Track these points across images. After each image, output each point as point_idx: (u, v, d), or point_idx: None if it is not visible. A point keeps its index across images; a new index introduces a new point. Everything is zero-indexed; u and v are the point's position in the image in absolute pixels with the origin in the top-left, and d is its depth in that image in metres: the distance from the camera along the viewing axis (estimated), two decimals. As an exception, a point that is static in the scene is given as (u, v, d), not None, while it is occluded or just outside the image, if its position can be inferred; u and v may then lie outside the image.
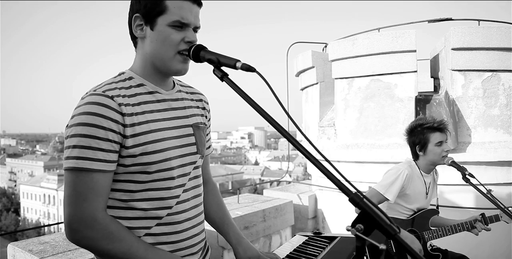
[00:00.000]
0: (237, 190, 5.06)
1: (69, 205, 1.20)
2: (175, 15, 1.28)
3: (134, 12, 1.32)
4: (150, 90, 1.34)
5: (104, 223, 1.22)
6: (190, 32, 1.32)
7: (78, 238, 1.21)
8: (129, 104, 1.26)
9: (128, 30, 1.37)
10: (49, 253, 2.70)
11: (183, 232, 1.36)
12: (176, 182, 1.34)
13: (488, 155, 4.03)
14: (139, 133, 1.25)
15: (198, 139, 1.44)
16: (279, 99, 1.10)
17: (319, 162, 0.97)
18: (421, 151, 2.76)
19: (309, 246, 1.83)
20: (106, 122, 1.19)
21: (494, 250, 4.15)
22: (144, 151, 1.25)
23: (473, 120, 4.17)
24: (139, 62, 1.37)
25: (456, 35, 4.08)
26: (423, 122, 2.78)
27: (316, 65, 5.17)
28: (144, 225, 1.30)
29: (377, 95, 4.45)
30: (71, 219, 1.20)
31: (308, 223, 5.21)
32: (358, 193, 0.93)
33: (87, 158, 1.18)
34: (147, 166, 1.27)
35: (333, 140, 4.84)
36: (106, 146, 1.20)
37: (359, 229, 0.90)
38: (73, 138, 1.19)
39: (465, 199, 4.13)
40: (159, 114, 1.33)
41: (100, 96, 1.22)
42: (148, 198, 1.30)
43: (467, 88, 4.19)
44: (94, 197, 1.21)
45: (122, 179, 1.28)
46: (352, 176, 4.35)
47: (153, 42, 1.30)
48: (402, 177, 2.67)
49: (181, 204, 1.36)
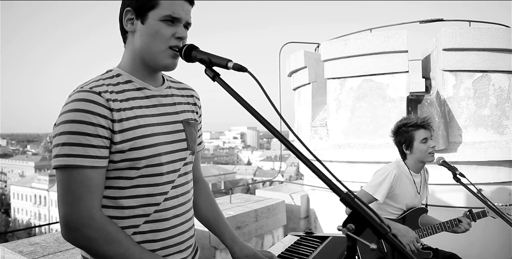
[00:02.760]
0: (230, 190, 5.05)
1: (65, 204, 1.18)
2: (167, 9, 1.28)
3: (126, 6, 1.31)
4: (138, 87, 1.33)
5: (102, 222, 1.20)
6: (181, 28, 1.31)
7: (76, 238, 1.19)
8: (117, 100, 1.24)
9: (119, 25, 1.36)
10: (39, 254, 2.68)
11: (171, 229, 1.35)
12: (165, 178, 1.32)
13: (479, 155, 4.07)
14: (128, 129, 1.24)
15: (189, 135, 1.43)
16: (271, 99, 1.10)
17: (311, 162, 0.97)
18: (408, 149, 2.78)
19: (301, 245, 1.83)
20: (95, 118, 1.18)
21: (485, 249, 4.19)
22: (133, 146, 1.24)
23: (464, 120, 4.20)
24: (128, 57, 1.35)
25: (447, 36, 4.11)
26: (406, 122, 2.81)
27: (308, 65, 5.18)
28: (132, 223, 1.29)
29: (369, 95, 4.47)
30: (68, 218, 1.18)
31: (301, 223, 5.22)
32: (349, 193, 0.93)
33: (78, 155, 1.16)
34: (136, 162, 1.25)
35: (325, 140, 4.85)
36: (96, 142, 1.18)
37: (350, 228, 0.91)
38: (62, 136, 1.17)
39: (456, 198, 4.16)
40: (147, 110, 1.31)
41: (87, 92, 1.21)
42: (137, 195, 1.28)
43: (458, 88, 4.22)
44: (90, 195, 1.19)
45: (112, 176, 1.26)
46: (344, 176, 4.36)
47: (143, 36, 1.29)
48: (390, 177, 2.69)
49: (169, 200, 1.34)
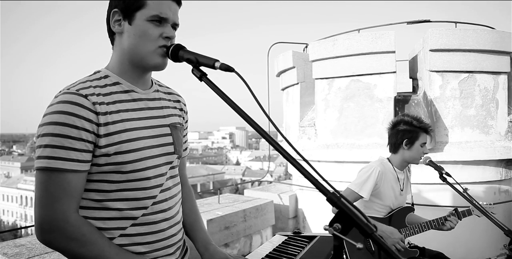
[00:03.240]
0: (218, 190, 5.05)
1: (41, 206, 1.18)
2: (154, 10, 1.27)
3: (113, 7, 1.30)
4: (126, 89, 1.32)
5: (77, 224, 1.19)
6: (169, 28, 1.31)
7: (50, 240, 1.19)
8: (103, 103, 1.23)
9: (106, 27, 1.34)
10: (25, 256, 2.65)
11: (159, 233, 1.34)
12: (153, 182, 1.32)
13: (465, 155, 4.12)
14: (113, 132, 1.23)
15: (176, 139, 1.42)
16: (258, 100, 1.10)
17: (298, 162, 0.97)
18: (407, 145, 2.79)
19: (289, 245, 1.83)
20: (80, 121, 1.17)
21: (470, 247, 4.25)
22: (118, 151, 1.23)
23: (450, 120, 4.25)
24: (116, 59, 1.34)
25: (434, 37, 4.15)
26: (415, 121, 2.81)
27: (296, 66, 5.19)
28: (119, 225, 1.28)
29: (357, 95, 4.49)
30: (43, 220, 1.17)
31: (289, 222, 5.23)
32: (336, 192, 0.94)
33: (59, 158, 1.16)
34: (121, 166, 1.24)
35: (313, 140, 4.86)
36: (79, 146, 1.17)
37: (337, 228, 0.91)
38: (45, 138, 1.16)
39: (442, 197, 4.21)
40: (134, 113, 1.30)
41: (73, 94, 1.20)
42: (123, 198, 1.27)
43: (444, 88, 4.27)
44: (67, 197, 1.18)
45: (96, 179, 1.26)
46: (333, 175, 4.38)
47: (130, 37, 1.28)
48: (374, 174, 2.72)
49: (158, 204, 1.33)
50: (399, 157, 2.85)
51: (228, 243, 4.06)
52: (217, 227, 3.92)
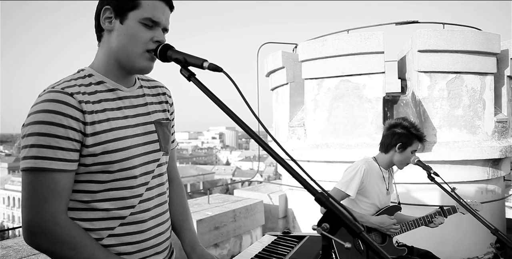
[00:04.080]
0: (208, 190, 5.04)
1: (28, 208, 1.15)
2: (147, 12, 1.26)
3: (105, 4, 1.28)
4: (111, 88, 1.30)
5: (66, 227, 1.17)
6: (159, 31, 1.29)
7: (38, 242, 1.16)
8: (89, 102, 1.22)
9: (94, 23, 1.32)
10: (12, 257, 2.62)
11: (147, 231, 1.33)
12: (138, 180, 1.30)
13: (452, 154, 4.16)
14: (100, 132, 1.21)
15: (161, 136, 1.41)
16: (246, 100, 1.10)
17: (286, 162, 0.97)
18: (400, 149, 2.82)
19: (278, 245, 1.84)
20: (66, 120, 1.15)
21: (458, 246, 4.29)
22: (105, 150, 1.22)
23: (438, 120, 4.29)
24: (102, 57, 1.32)
25: (422, 38, 4.18)
26: (412, 128, 2.84)
27: (286, 66, 5.20)
28: (107, 226, 1.26)
29: (346, 95, 4.51)
30: (31, 223, 1.15)
31: (279, 222, 5.24)
32: (324, 192, 0.94)
33: (46, 157, 1.13)
34: (109, 165, 1.23)
35: (303, 140, 4.88)
36: (66, 145, 1.15)
37: (325, 228, 0.91)
38: (30, 137, 1.14)
39: (430, 197, 4.24)
40: (119, 112, 1.29)
41: (58, 93, 1.18)
42: (110, 198, 1.26)
43: (432, 89, 4.30)
44: (55, 198, 1.16)
45: (83, 180, 1.24)
46: (322, 175, 4.39)
47: (120, 36, 1.27)
48: (360, 172, 2.75)
49: (144, 202, 1.32)
50: (388, 158, 2.87)
51: (218, 244, 4.05)
52: (207, 227, 3.92)
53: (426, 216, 2.86)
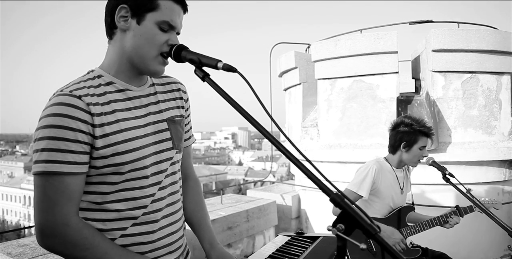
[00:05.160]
0: (221, 190, 5.05)
1: (40, 211, 1.16)
2: (166, 15, 1.25)
3: (120, 2, 1.26)
4: (120, 88, 1.30)
5: (78, 228, 1.18)
6: (174, 35, 1.29)
7: (51, 244, 1.18)
8: (98, 104, 1.21)
9: (105, 18, 1.30)
10: (28, 255, 2.66)
11: (160, 231, 1.33)
12: (150, 180, 1.30)
13: (468, 155, 4.11)
14: (109, 133, 1.21)
15: (174, 133, 1.40)
16: (261, 100, 1.10)
17: (301, 162, 0.97)
18: (405, 148, 2.79)
19: (292, 246, 1.83)
20: (75, 122, 1.15)
21: (473, 248, 4.23)
22: (116, 152, 1.22)
23: (453, 121, 4.24)
24: (113, 56, 1.31)
25: (436, 37, 4.14)
26: (416, 123, 2.79)
27: (299, 66, 5.19)
28: (119, 226, 1.27)
29: (359, 95, 4.49)
30: (43, 225, 1.16)
31: (292, 223, 5.23)
32: (339, 193, 0.94)
33: (56, 161, 1.14)
34: (120, 167, 1.23)
35: (316, 140, 4.86)
36: (75, 148, 1.16)
37: (340, 229, 0.91)
38: (41, 141, 1.15)
39: (445, 198, 4.19)
40: (129, 113, 1.29)
41: (67, 96, 1.18)
42: (122, 198, 1.26)
43: (447, 89, 4.26)
44: (66, 201, 1.17)
45: (95, 181, 1.24)
46: (335, 176, 4.38)
47: (136, 37, 1.26)
48: (371, 172, 2.72)
49: (157, 202, 1.32)
50: (397, 158, 2.85)
51: (231, 244, 4.06)
52: (220, 228, 3.92)
53: (441, 216, 2.82)
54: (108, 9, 1.29)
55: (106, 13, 1.30)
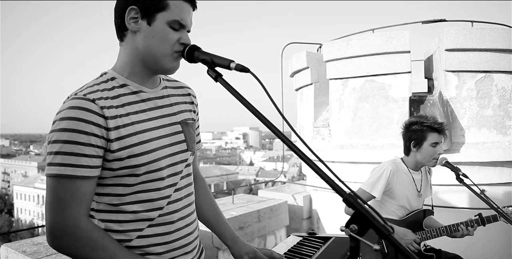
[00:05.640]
0: (232, 190, 5.05)
1: (51, 212, 1.18)
2: (176, 14, 1.26)
3: (130, 3, 1.26)
4: (134, 90, 1.30)
5: (87, 230, 1.19)
6: (185, 34, 1.30)
7: (61, 246, 1.19)
8: (112, 107, 1.22)
9: (115, 21, 1.30)
10: (42, 254, 2.69)
11: (176, 232, 1.34)
12: (166, 182, 1.31)
13: (482, 156, 4.06)
14: (125, 136, 1.22)
15: (188, 136, 1.41)
16: (273, 100, 1.10)
17: (313, 162, 0.96)
18: (415, 147, 2.76)
19: (304, 246, 1.83)
20: (88, 126, 1.16)
21: (488, 250, 4.18)
22: (131, 154, 1.22)
23: (466, 121, 4.19)
24: (126, 58, 1.32)
25: (449, 36, 4.10)
26: (423, 120, 2.76)
27: (310, 66, 5.18)
28: (135, 227, 1.28)
29: (371, 95, 4.46)
30: (53, 226, 1.17)
31: (303, 223, 5.22)
32: (352, 193, 0.93)
33: (69, 164, 1.15)
34: (136, 169, 1.24)
35: (327, 140, 4.84)
36: (88, 151, 1.17)
37: (353, 229, 0.91)
38: (55, 144, 1.16)
39: (458, 199, 4.15)
40: (144, 115, 1.29)
41: (81, 99, 1.19)
42: (138, 200, 1.27)
43: (460, 89, 4.21)
44: (76, 203, 1.18)
45: (111, 183, 1.26)
46: (347, 176, 4.36)
47: (148, 38, 1.26)
48: (386, 173, 2.69)
49: (173, 204, 1.33)
50: (412, 159, 2.82)
51: (242, 244, 4.05)
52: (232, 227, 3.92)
53: (461, 223, 2.75)
54: (118, 11, 1.29)
55: (116, 15, 1.30)
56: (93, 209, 1.29)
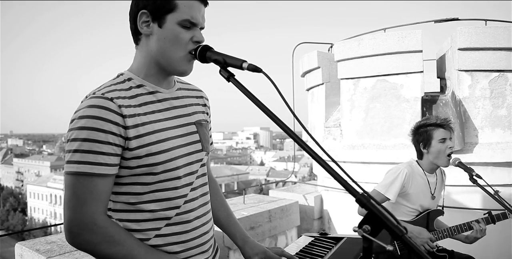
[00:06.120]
0: (243, 190, 5.06)
1: (69, 209, 1.20)
2: (185, 14, 1.27)
3: (140, 8, 1.28)
4: (151, 90, 1.33)
5: (104, 226, 1.21)
6: (198, 31, 1.31)
7: (79, 242, 1.21)
8: (130, 106, 1.24)
9: (130, 26, 1.34)
10: (56, 252, 2.72)
11: (193, 231, 1.36)
12: (182, 181, 1.33)
13: (495, 156, 4.01)
14: (143, 134, 1.24)
15: (202, 136, 1.43)
16: (286, 100, 1.10)
17: (326, 162, 0.96)
18: (425, 148, 2.75)
19: (315, 246, 1.82)
20: (106, 124, 1.18)
21: (502, 250, 4.13)
22: (149, 152, 1.24)
23: (480, 121, 4.15)
24: (141, 61, 1.34)
25: (462, 35, 4.06)
26: (426, 122, 2.78)
27: (321, 66, 5.16)
28: (153, 226, 1.30)
29: (383, 95, 4.43)
30: (71, 223, 1.19)
31: (314, 223, 5.20)
32: (365, 193, 0.93)
33: (88, 162, 1.17)
34: (153, 167, 1.26)
35: (339, 140, 4.83)
36: (107, 149, 1.19)
37: (366, 230, 0.90)
38: (73, 142, 1.18)
39: (472, 200, 4.11)
40: (161, 114, 1.31)
41: (99, 98, 1.21)
42: (156, 199, 1.29)
43: (474, 88, 4.17)
44: (93, 200, 1.20)
45: (128, 182, 1.27)
46: (358, 176, 4.33)
47: (160, 40, 1.28)
48: (401, 176, 2.67)
49: (189, 203, 1.35)
50: (425, 161, 2.80)
51: (253, 244, 4.05)
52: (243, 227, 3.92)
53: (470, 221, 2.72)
54: (131, 16, 1.32)
55: (130, 20, 1.33)
56: (110, 209, 1.31)
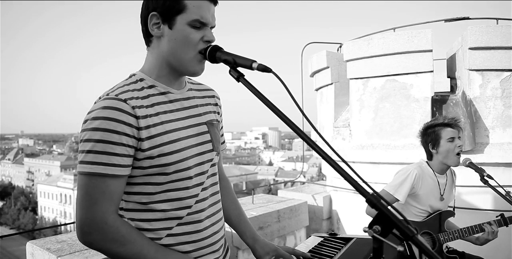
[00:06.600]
0: (252, 190, 5.06)
1: (81, 208, 1.21)
2: (195, 14, 1.27)
3: (150, 10, 1.29)
4: (162, 91, 1.34)
5: (115, 226, 1.22)
6: (209, 31, 1.31)
7: (90, 241, 1.22)
8: (142, 106, 1.25)
9: (141, 28, 1.35)
10: (66, 251, 2.74)
11: (204, 231, 1.37)
12: (194, 181, 1.34)
13: (507, 156, 3.97)
14: (155, 135, 1.25)
15: (213, 136, 1.44)
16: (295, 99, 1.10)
17: (336, 162, 0.96)
18: (434, 148, 2.73)
19: (325, 247, 1.82)
20: (120, 126, 1.19)
21: (513, 252, 4.09)
22: (161, 153, 1.25)
23: (491, 121, 4.11)
24: (153, 62, 1.35)
25: (473, 35, 4.02)
26: (434, 121, 2.78)
27: (331, 66, 5.14)
28: (165, 226, 1.31)
29: (392, 95, 4.41)
30: (83, 222, 1.21)
31: (323, 224, 5.19)
32: (375, 194, 0.92)
33: (101, 163, 1.18)
34: (165, 167, 1.27)
35: (348, 140, 4.81)
36: (120, 151, 1.20)
37: (376, 230, 0.90)
38: (87, 143, 1.19)
39: (483, 200, 4.07)
40: (172, 115, 1.32)
41: (113, 100, 1.22)
42: (167, 199, 1.30)
43: (485, 88, 4.13)
44: (105, 200, 1.21)
45: (141, 182, 1.29)
46: (367, 177, 4.31)
47: (171, 41, 1.29)
48: (411, 177, 2.65)
49: (200, 202, 1.36)
50: (435, 162, 2.77)
51: (261, 244, 4.05)
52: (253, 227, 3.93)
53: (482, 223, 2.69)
54: (142, 19, 1.34)
55: (141, 23, 1.35)
56: (122, 208, 1.32)
